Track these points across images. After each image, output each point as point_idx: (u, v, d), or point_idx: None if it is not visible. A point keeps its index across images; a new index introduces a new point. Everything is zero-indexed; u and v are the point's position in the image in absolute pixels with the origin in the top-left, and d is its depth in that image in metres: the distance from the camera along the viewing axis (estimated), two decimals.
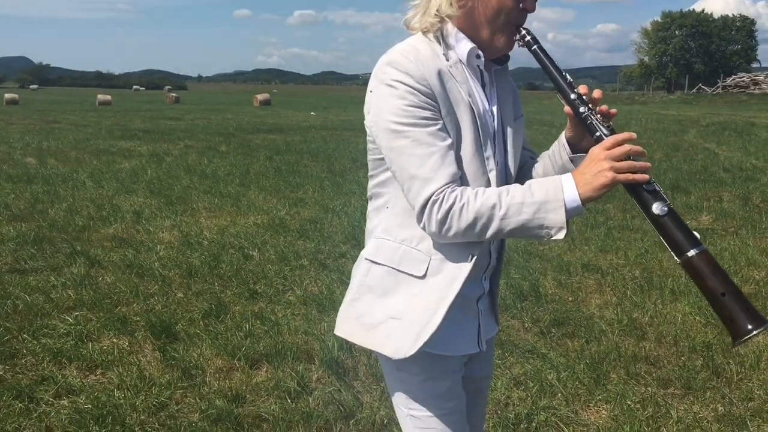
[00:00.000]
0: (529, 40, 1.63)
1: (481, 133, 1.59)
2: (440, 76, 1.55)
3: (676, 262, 1.45)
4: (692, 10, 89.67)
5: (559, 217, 1.45)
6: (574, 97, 1.59)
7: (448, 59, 1.60)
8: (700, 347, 4.07)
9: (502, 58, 1.70)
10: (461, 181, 1.55)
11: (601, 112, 1.57)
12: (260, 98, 47.40)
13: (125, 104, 45.27)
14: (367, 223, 1.77)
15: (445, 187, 1.49)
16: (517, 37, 1.63)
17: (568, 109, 1.61)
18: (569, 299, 5.02)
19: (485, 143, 1.61)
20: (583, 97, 1.59)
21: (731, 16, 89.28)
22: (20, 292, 4.98)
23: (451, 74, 1.58)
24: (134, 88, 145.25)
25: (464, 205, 1.48)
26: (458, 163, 1.55)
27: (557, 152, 1.72)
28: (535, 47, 1.64)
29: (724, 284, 1.41)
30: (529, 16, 1.63)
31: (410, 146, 1.51)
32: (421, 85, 1.52)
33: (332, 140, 17.61)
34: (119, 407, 3.32)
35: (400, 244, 1.64)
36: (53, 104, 43.57)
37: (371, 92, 1.60)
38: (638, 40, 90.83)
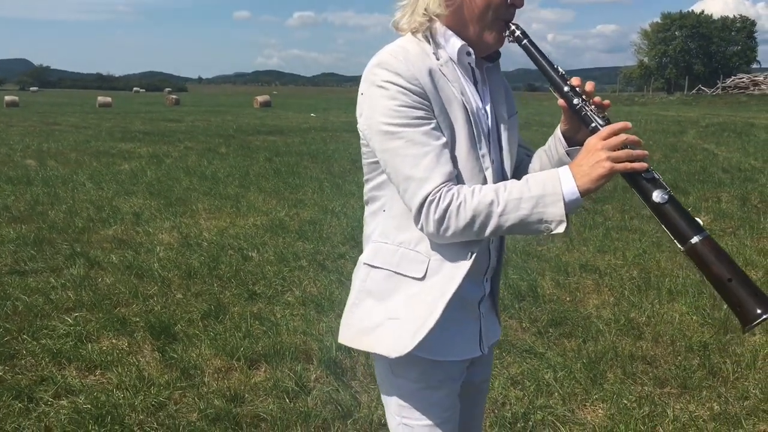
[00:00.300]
0: (518, 35, 1.62)
1: (475, 131, 1.58)
2: (431, 75, 1.54)
3: (679, 250, 1.43)
4: (692, 11, 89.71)
5: (558, 210, 1.44)
6: (567, 89, 1.58)
7: (438, 58, 1.59)
8: (696, 347, 4.09)
9: (493, 55, 1.69)
10: (457, 180, 1.53)
11: (594, 103, 1.56)
12: (260, 100, 47.45)
13: (125, 106, 45.32)
14: (364, 227, 1.75)
15: (441, 186, 1.47)
16: (506, 32, 1.62)
17: (561, 102, 1.60)
18: (567, 299, 5.04)
19: (480, 141, 1.59)
20: (576, 88, 1.58)
21: (731, 17, 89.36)
22: (20, 293, 5.00)
23: (442, 73, 1.57)
24: (134, 89, 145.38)
25: (461, 203, 1.46)
26: (454, 162, 1.53)
27: (553, 146, 1.71)
28: (525, 42, 1.62)
29: (730, 270, 1.38)
30: (529, 16, 1.62)
31: (404, 147, 1.50)
32: (412, 84, 1.50)
33: (332, 141, 17.63)
34: (118, 407, 3.34)
35: (398, 246, 1.62)
36: (53, 106, 43.62)
37: (362, 95, 1.58)
38: (638, 41, 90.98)
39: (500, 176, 1.65)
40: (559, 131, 1.68)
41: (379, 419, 3.23)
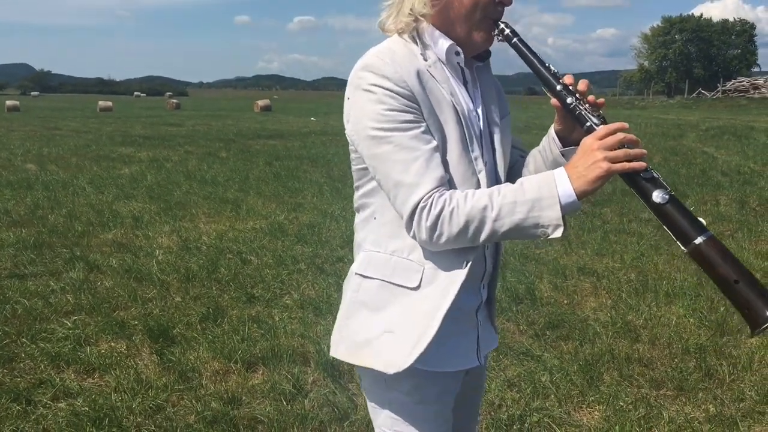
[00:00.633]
0: (508, 33, 1.57)
1: (466, 133, 1.53)
2: (419, 76, 1.49)
3: (682, 251, 1.37)
4: (692, 14, 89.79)
5: (554, 213, 1.39)
6: (560, 88, 1.53)
7: (426, 59, 1.54)
8: (693, 349, 4.10)
9: (483, 54, 1.65)
10: (449, 184, 1.48)
11: (588, 102, 1.50)
12: (261, 104, 47.53)
13: (126, 110, 45.40)
14: (355, 235, 1.69)
15: (432, 191, 1.43)
16: (495, 31, 1.57)
17: (554, 101, 1.55)
18: (564, 302, 5.05)
19: (472, 143, 1.54)
20: (569, 87, 1.53)
21: (731, 20, 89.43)
22: (19, 296, 5.01)
23: (430, 74, 1.52)
24: (135, 94, 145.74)
25: (454, 209, 1.42)
26: (445, 166, 1.48)
27: (547, 147, 1.65)
28: (515, 40, 1.57)
29: (736, 271, 1.32)
30: (529, 21, 1.57)
31: (393, 152, 1.45)
32: (399, 87, 1.46)
33: (332, 145, 17.66)
34: (116, 410, 3.35)
35: (390, 255, 1.57)
36: (54, 111, 43.69)
37: (348, 99, 1.53)
38: (638, 44, 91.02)
39: (493, 178, 1.61)
40: (552, 131, 1.64)
41: None
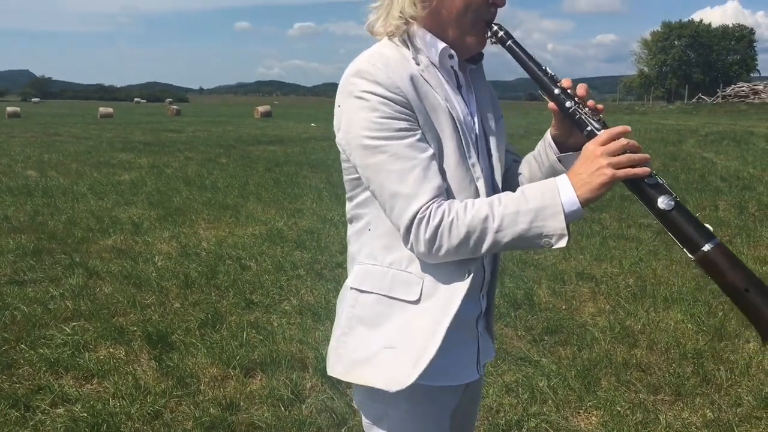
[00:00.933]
0: (502, 35, 1.52)
1: (463, 139, 1.48)
2: (413, 81, 1.44)
3: (689, 259, 1.33)
4: (691, 20, 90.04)
5: (558, 223, 1.35)
6: (558, 91, 1.48)
7: (418, 63, 1.48)
8: (691, 354, 4.11)
9: (476, 56, 1.60)
10: (447, 194, 1.44)
11: (588, 107, 1.46)
12: (261, 110, 47.61)
13: (126, 117, 45.46)
14: (348, 247, 1.63)
15: (430, 202, 1.38)
16: (488, 34, 1.53)
17: (552, 105, 1.50)
18: (563, 307, 5.06)
19: (469, 150, 1.50)
20: (567, 91, 1.48)
21: (730, 25, 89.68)
22: (19, 302, 5.02)
23: (424, 79, 1.47)
24: (135, 100, 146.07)
25: (453, 220, 1.37)
26: (442, 174, 1.44)
27: (543, 152, 1.61)
28: (509, 43, 1.52)
29: (746, 278, 1.28)
30: (528, 27, 1.53)
31: (388, 162, 1.40)
32: (393, 93, 1.40)
33: (332, 151, 17.66)
34: (114, 416, 3.36)
35: (388, 268, 1.51)
36: (55, 117, 43.75)
37: (339, 107, 1.48)
38: (638, 50, 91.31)
39: (491, 185, 1.56)
40: (549, 136, 1.59)
41: None
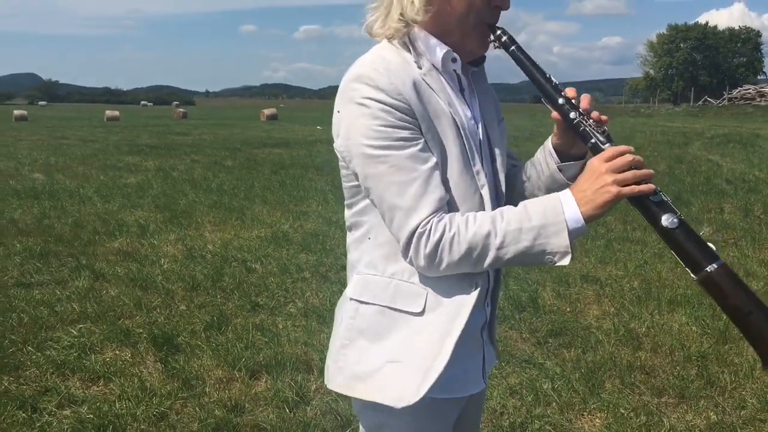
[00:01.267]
0: (505, 40, 1.49)
1: (467, 146, 1.45)
2: (415, 86, 1.40)
3: (692, 278, 1.31)
4: (697, 22, 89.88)
5: (562, 240, 1.33)
6: (562, 101, 1.45)
7: (420, 67, 1.45)
8: (695, 357, 4.11)
9: (478, 59, 1.57)
10: (450, 204, 1.41)
11: (593, 119, 1.43)
12: (267, 113, 47.67)
13: (133, 120, 45.59)
14: (348, 255, 1.60)
15: (430, 216, 1.35)
16: (492, 37, 1.49)
17: (555, 114, 1.48)
18: (567, 310, 5.06)
19: (473, 157, 1.46)
20: (572, 101, 1.45)
21: (737, 28, 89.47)
22: (25, 305, 5.05)
23: (426, 83, 1.43)
24: (142, 103, 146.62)
25: (455, 235, 1.35)
26: (445, 184, 1.41)
27: (543, 161, 1.58)
28: (513, 48, 1.49)
29: (749, 301, 1.26)
30: (533, 29, 1.49)
31: (388, 173, 1.36)
32: (395, 100, 1.36)
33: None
34: (120, 417, 3.38)
35: (390, 278, 1.48)
36: (62, 120, 43.92)
37: (339, 113, 1.44)
38: (644, 52, 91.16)
39: (495, 192, 1.54)
40: (550, 145, 1.57)
41: None
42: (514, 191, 1.63)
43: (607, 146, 1.39)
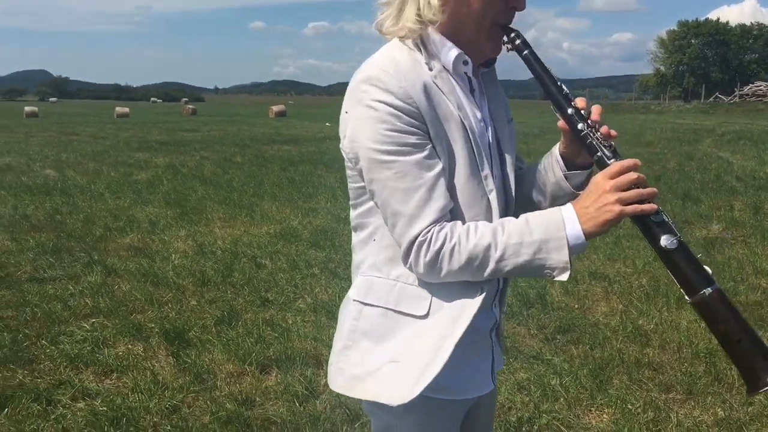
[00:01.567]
0: (519, 44, 1.47)
1: (476, 150, 1.44)
2: (426, 90, 1.39)
3: (686, 300, 1.33)
4: (708, 18, 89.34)
5: (562, 257, 1.33)
6: (571, 111, 1.44)
7: (431, 68, 1.43)
8: (703, 353, 4.12)
9: (489, 60, 1.56)
10: (456, 209, 1.41)
11: (602, 133, 1.42)
12: (276, 110, 47.76)
13: (143, 116, 45.78)
14: (353, 256, 1.60)
15: (432, 225, 1.36)
16: (506, 39, 1.47)
17: (562, 123, 1.47)
18: (575, 307, 5.08)
19: (482, 161, 1.45)
20: (581, 112, 1.44)
21: (748, 24, 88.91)
22: (39, 300, 5.12)
23: (437, 86, 1.42)
24: (152, 100, 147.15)
25: (455, 245, 1.35)
26: (452, 190, 1.41)
27: (549, 167, 1.58)
28: (526, 52, 1.47)
29: (740, 329, 1.28)
30: (544, 25, 1.45)
31: (393, 179, 1.36)
32: (405, 104, 1.35)
33: None
34: (133, 410, 3.44)
35: (394, 281, 1.48)
36: (72, 117, 44.15)
37: (347, 113, 1.42)
38: (654, 49, 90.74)
39: (503, 195, 1.53)
40: (557, 152, 1.57)
41: None
42: (518, 195, 1.62)
43: (612, 161, 1.38)
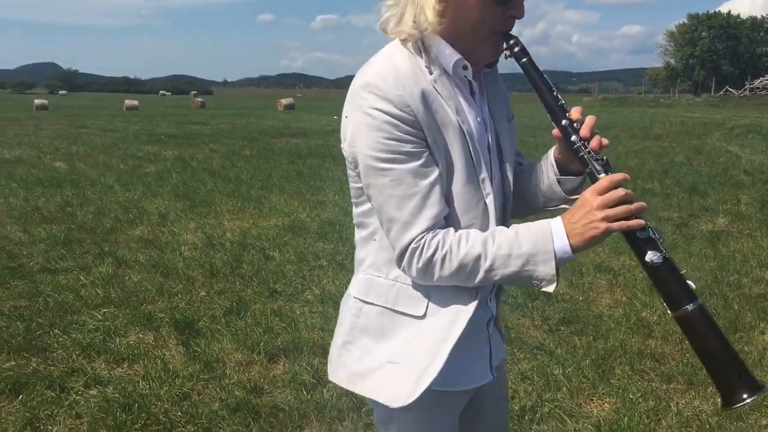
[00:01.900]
0: (518, 51, 1.48)
1: (473, 154, 1.47)
2: (424, 97, 1.41)
3: (669, 315, 1.39)
4: (719, 11, 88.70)
5: (549, 269, 1.38)
6: (565, 123, 1.48)
7: (431, 72, 1.45)
8: None
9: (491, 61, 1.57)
10: (452, 215, 1.46)
11: (592, 148, 1.45)
12: (284, 102, 47.86)
13: (152, 109, 45.92)
14: (356, 251, 1.65)
15: (425, 233, 1.40)
16: (505, 46, 1.49)
17: (557, 132, 1.50)
18: (580, 299, 5.14)
19: (479, 165, 1.48)
20: (574, 124, 1.47)
21: (759, 17, 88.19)
22: (51, 290, 5.22)
23: (436, 92, 1.44)
24: (161, 93, 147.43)
25: (447, 253, 1.40)
26: (448, 195, 1.45)
27: (544, 170, 1.62)
28: (524, 60, 1.49)
29: (720, 345, 1.35)
30: (553, 18, 1.47)
31: (389, 186, 1.40)
32: (402, 112, 1.38)
33: None
34: (145, 397, 3.52)
35: (393, 281, 1.53)
36: (82, 109, 44.34)
37: (347, 118, 1.45)
38: (664, 42, 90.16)
39: (501, 194, 1.57)
40: (552, 157, 1.61)
41: None
42: (516, 192, 1.65)
43: (602, 176, 1.42)
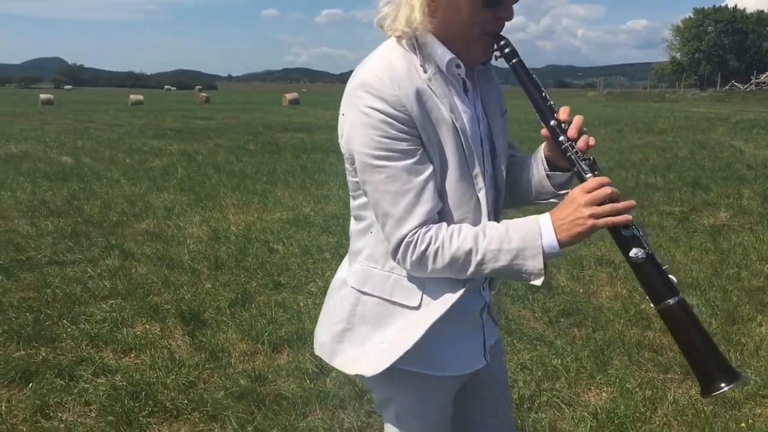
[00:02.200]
0: (508, 52, 1.53)
1: (466, 151, 1.52)
2: (419, 96, 1.45)
3: (652, 308, 1.48)
4: (725, 5, 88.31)
5: (537, 264, 1.44)
6: (554, 123, 1.53)
7: (425, 70, 1.49)
8: None
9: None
10: (445, 210, 1.51)
11: (579, 149, 1.50)
12: (289, 97, 47.95)
13: (157, 104, 46.06)
14: (352, 242, 1.71)
15: (418, 228, 1.45)
16: (495, 47, 1.54)
17: (545, 131, 1.55)
18: (580, 291, 5.20)
19: (472, 161, 1.53)
20: (562, 125, 1.52)
21: (766, 11, 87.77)
22: (59, 282, 5.30)
23: (431, 90, 1.48)
24: (166, 88, 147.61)
25: (439, 248, 1.45)
26: (442, 191, 1.51)
27: (534, 165, 1.67)
28: (514, 62, 1.54)
29: (699, 337, 1.42)
30: (558, 12, 1.52)
31: (384, 182, 1.45)
32: (397, 111, 1.43)
33: None
34: (152, 385, 3.59)
35: (389, 272, 1.58)
36: (87, 104, 44.51)
37: (343, 115, 1.51)
38: (670, 36, 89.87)
39: (493, 188, 1.63)
40: (542, 153, 1.65)
41: None
42: (508, 185, 1.71)
43: (589, 176, 1.48)
